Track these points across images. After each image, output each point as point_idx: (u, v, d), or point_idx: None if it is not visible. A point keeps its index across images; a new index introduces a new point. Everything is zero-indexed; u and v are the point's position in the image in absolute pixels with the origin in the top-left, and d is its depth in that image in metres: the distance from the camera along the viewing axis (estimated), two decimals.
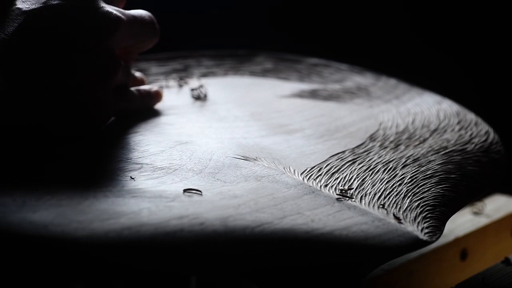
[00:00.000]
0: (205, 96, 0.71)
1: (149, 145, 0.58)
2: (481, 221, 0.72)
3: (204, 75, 0.77)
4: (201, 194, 0.50)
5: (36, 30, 0.54)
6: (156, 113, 0.65)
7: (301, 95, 0.73)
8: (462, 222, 0.71)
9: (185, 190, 0.51)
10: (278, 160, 0.58)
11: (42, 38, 0.54)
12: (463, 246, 0.68)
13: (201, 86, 0.71)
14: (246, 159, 0.57)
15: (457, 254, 0.68)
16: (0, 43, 0.54)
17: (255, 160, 0.57)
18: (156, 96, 0.66)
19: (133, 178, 0.52)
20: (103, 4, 0.57)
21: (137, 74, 0.67)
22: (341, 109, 0.70)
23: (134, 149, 0.57)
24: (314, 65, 0.81)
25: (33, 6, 0.55)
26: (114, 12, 0.57)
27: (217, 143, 0.60)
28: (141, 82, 0.67)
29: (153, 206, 0.47)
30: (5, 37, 0.54)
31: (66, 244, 0.43)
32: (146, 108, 0.65)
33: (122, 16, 0.57)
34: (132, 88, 0.64)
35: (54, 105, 0.55)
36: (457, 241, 0.68)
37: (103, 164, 0.54)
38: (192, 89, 0.71)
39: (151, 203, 0.48)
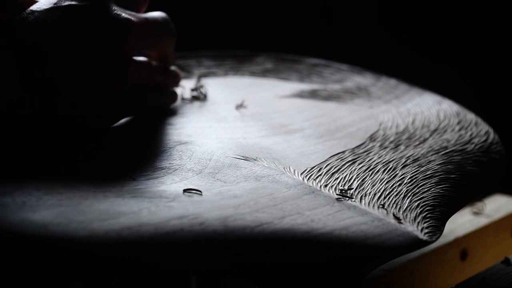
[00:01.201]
0: (205, 96, 0.71)
1: (149, 145, 0.58)
2: (481, 221, 0.72)
3: (204, 75, 0.77)
4: (201, 194, 0.50)
5: (45, 30, 0.55)
6: (156, 113, 0.65)
7: (301, 95, 0.73)
8: (462, 222, 0.71)
9: (185, 190, 0.51)
10: (278, 160, 0.58)
11: (49, 36, 0.55)
12: (463, 246, 0.68)
13: (201, 86, 0.71)
14: (246, 159, 0.57)
15: (457, 254, 0.68)
16: (13, 39, 0.54)
17: (255, 160, 0.57)
18: (171, 96, 0.66)
19: (133, 178, 0.52)
20: (114, 7, 0.57)
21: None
22: (341, 109, 0.70)
23: (134, 149, 0.57)
24: (314, 65, 0.81)
25: (44, 7, 0.55)
26: (124, 14, 0.57)
27: (217, 143, 0.60)
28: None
29: (153, 206, 0.47)
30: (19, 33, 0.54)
31: (66, 244, 0.43)
32: (161, 107, 0.65)
33: (133, 19, 0.58)
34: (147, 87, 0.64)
35: (59, 103, 0.55)
36: (457, 241, 0.68)
37: (103, 164, 0.54)
38: (192, 89, 0.71)
39: (151, 203, 0.48)
